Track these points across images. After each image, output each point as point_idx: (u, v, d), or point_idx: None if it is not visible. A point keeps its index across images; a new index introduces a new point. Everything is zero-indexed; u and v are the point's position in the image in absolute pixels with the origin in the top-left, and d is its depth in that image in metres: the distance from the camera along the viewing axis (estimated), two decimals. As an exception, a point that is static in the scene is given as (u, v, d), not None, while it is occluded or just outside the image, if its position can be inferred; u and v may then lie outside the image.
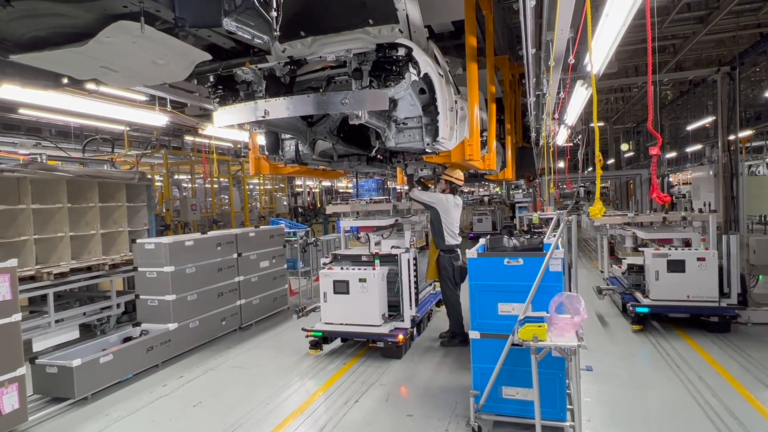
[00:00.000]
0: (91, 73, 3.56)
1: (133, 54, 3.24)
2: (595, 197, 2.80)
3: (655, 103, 15.36)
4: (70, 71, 3.54)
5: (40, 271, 5.73)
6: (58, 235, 6.51)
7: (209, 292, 6.29)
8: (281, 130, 5.10)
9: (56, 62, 3.30)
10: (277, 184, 18.69)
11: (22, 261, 5.94)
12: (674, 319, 6.27)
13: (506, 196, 26.12)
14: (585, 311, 3.17)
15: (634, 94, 17.91)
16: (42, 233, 6.32)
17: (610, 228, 7.57)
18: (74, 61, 3.24)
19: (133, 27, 2.80)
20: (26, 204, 6.10)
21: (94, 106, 8.02)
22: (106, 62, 3.34)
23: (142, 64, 3.48)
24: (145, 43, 3.08)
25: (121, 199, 7.48)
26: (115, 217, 7.46)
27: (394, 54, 3.75)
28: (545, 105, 7.10)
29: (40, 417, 4.30)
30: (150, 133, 14.16)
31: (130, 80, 3.91)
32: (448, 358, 5.37)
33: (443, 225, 5.81)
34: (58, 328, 5.85)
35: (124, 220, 7.55)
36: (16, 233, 6.07)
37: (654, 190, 2.46)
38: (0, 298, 3.87)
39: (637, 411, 4.02)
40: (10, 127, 13.50)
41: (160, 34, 3.02)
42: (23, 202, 6.11)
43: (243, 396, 4.62)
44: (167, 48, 3.26)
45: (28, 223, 6.13)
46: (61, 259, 6.47)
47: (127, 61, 3.38)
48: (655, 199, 2.48)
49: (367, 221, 6.32)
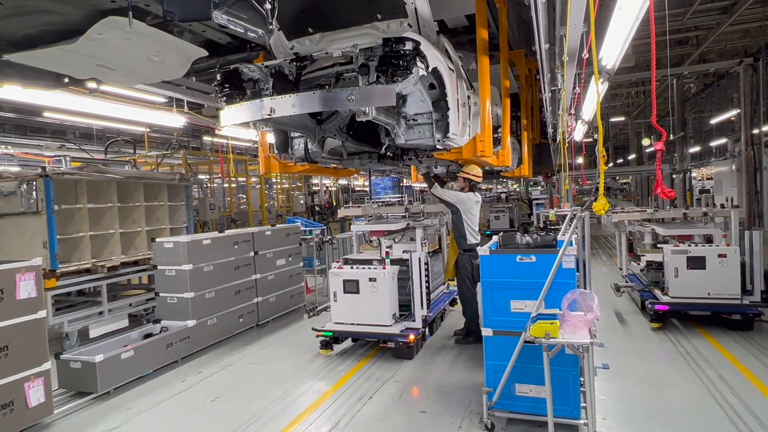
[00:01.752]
0: (88, 72, 3.54)
1: (128, 51, 3.21)
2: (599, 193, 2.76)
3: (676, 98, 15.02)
4: (67, 70, 3.54)
5: (95, 264, 6.39)
6: (109, 231, 7.02)
7: (227, 289, 6.40)
8: (290, 129, 5.06)
9: (52, 61, 3.27)
10: (294, 183, 18.85)
11: (79, 256, 6.52)
12: (694, 317, 6.15)
13: (524, 193, 25.87)
14: (598, 308, 3.14)
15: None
16: (95, 230, 6.82)
17: (628, 224, 7.44)
18: (70, 59, 3.22)
19: (122, 23, 2.76)
20: (83, 204, 6.63)
21: (115, 108, 8.24)
22: (102, 60, 3.32)
23: (138, 62, 3.45)
24: (137, 40, 3.05)
25: (163, 199, 7.93)
26: (157, 216, 7.91)
27: (401, 48, 3.67)
28: (561, 100, 7.02)
29: (65, 410, 4.45)
30: (169, 134, 14.41)
31: (128, 78, 3.89)
32: (462, 356, 5.37)
33: (465, 224, 5.73)
34: (111, 317, 6.46)
35: (166, 218, 7.99)
36: (74, 230, 6.58)
37: (659, 185, 2.42)
38: (26, 295, 4.00)
39: (655, 409, 3.96)
40: (36, 130, 13.91)
41: (151, 29, 2.98)
42: (80, 202, 6.63)
43: (259, 392, 4.70)
44: (161, 44, 3.22)
45: (85, 221, 6.64)
46: (112, 254, 6.96)
47: (122, 58, 3.35)
48: (659, 194, 2.44)
49: (379, 225, 6.22)
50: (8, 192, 6.13)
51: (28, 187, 6.03)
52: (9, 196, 6.12)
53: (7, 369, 3.83)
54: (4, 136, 12.84)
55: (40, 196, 5.99)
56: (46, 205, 5.97)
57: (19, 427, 3.92)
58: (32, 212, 6.03)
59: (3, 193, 6.16)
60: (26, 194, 6.04)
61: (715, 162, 14.74)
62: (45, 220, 5.97)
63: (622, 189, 25.84)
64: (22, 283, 3.98)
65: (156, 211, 7.84)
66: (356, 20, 4.02)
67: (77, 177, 6.53)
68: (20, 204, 6.08)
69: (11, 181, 6.13)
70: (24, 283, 3.99)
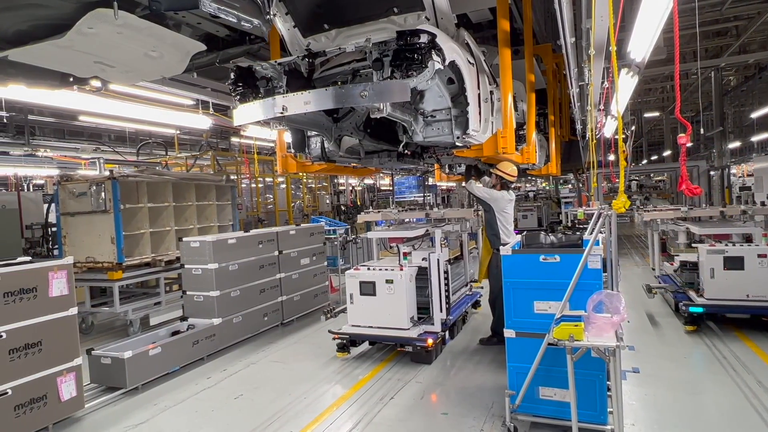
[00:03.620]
0: (89, 70, 3.50)
1: (123, 46, 3.17)
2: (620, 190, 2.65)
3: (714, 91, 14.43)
4: (67, 68, 3.50)
5: (155, 258, 7.04)
6: (166, 229, 7.70)
7: (251, 288, 6.48)
8: (306, 127, 4.98)
9: (50, 59, 3.24)
10: (320, 183, 19.00)
11: (140, 251, 7.27)
12: (732, 320, 5.88)
13: (553, 192, 25.35)
14: (625, 311, 3.02)
15: (692, 81, 16.90)
16: (154, 227, 7.52)
17: (661, 223, 7.17)
18: (67, 57, 3.20)
19: (110, 15, 2.72)
20: (143, 203, 7.33)
21: (146, 111, 8.47)
22: (98, 57, 3.28)
23: (136, 58, 3.40)
24: (131, 34, 3.00)
25: (211, 199, 8.61)
26: (206, 214, 8.58)
27: (416, 41, 3.54)
28: (589, 96, 6.82)
29: (96, 405, 4.58)
30: (199, 136, 14.75)
31: (129, 76, 3.81)
32: (485, 358, 5.26)
33: (499, 223, 5.51)
34: (167, 307, 7.12)
35: (214, 216, 8.68)
36: (136, 227, 7.30)
37: (683, 181, 2.30)
38: (58, 293, 4.14)
39: (688, 416, 3.79)
40: (73, 133, 14.48)
41: (145, 23, 2.93)
42: (141, 202, 7.33)
43: (282, 390, 4.73)
44: (157, 38, 3.16)
45: (145, 219, 7.36)
46: (168, 249, 7.57)
47: (119, 54, 3.31)
48: (684, 191, 2.32)
49: (397, 232, 5.94)
50: (80, 193, 6.93)
51: (97, 189, 6.79)
52: (80, 197, 6.93)
53: (41, 364, 3.98)
54: (44, 139, 13.40)
55: (108, 196, 6.71)
56: (113, 204, 6.69)
57: (52, 420, 4.06)
58: (101, 211, 6.78)
59: (75, 194, 6.96)
60: (95, 195, 6.80)
61: (756, 158, 14.08)
62: (113, 218, 6.70)
63: (657, 187, 25.00)
64: (55, 281, 4.12)
65: (205, 210, 8.51)
66: (372, 15, 3.96)
67: (139, 179, 7.26)
68: (90, 204, 6.84)
69: (82, 184, 6.93)
70: (56, 281, 4.13)
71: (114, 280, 6.57)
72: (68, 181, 7.18)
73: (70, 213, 7.04)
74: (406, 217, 6.87)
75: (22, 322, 3.86)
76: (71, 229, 7.07)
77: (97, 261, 6.78)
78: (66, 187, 7.08)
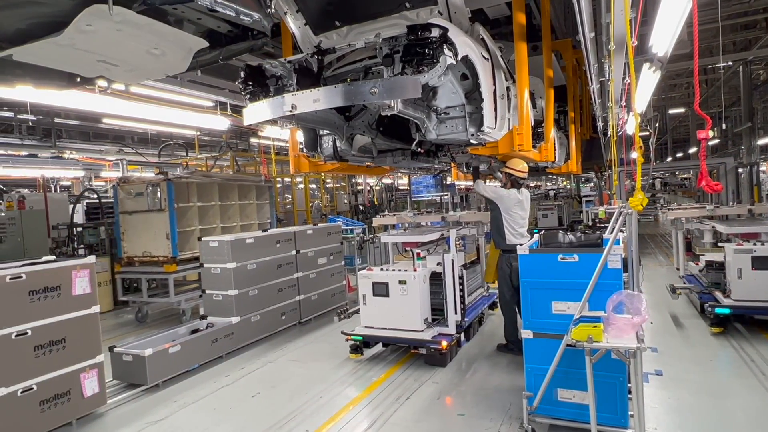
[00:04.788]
0: (93, 69, 3.50)
1: (125, 44, 3.16)
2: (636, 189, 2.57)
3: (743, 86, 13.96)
4: (72, 68, 3.52)
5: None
6: (212, 226, 8.32)
7: (269, 287, 6.54)
8: (317, 126, 4.92)
9: (53, 58, 3.25)
10: (338, 183, 19.07)
11: (190, 246, 7.78)
12: (760, 322, 5.68)
13: (575, 190, 24.95)
14: (647, 311, 2.94)
15: (718, 76, 16.40)
16: (202, 225, 8.15)
17: (686, 222, 6.98)
18: (70, 56, 3.20)
19: (107, 11, 2.72)
20: (193, 202, 7.99)
21: (166, 112, 8.63)
22: (101, 56, 3.28)
23: (138, 56, 3.39)
24: (131, 31, 2.99)
25: (252, 198, 9.25)
26: (247, 212, 9.20)
27: (427, 35, 3.43)
28: (610, 92, 6.67)
29: (117, 401, 4.68)
30: (218, 137, 14.95)
31: (133, 75, 3.81)
32: (502, 360, 5.19)
33: (504, 222, 5.36)
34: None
35: (255, 214, 9.32)
36: (186, 225, 7.92)
37: (702, 177, 2.22)
38: (81, 291, 4.24)
39: (713, 421, 3.68)
40: (97, 136, 14.83)
41: (144, 19, 2.91)
42: (191, 201, 7.98)
43: (299, 388, 4.75)
44: (158, 36, 3.15)
45: (195, 217, 8.02)
46: None
47: (121, 52, 3.30)
48: (704, 188, 2.24)
49: (411, 237, 5.80)
50: (136, 193, 7.64)
51: (153, 189, 7.44)
52: (136, 197, 7.64)
53: (65, 360, 4.08)
54: (70, 141, 13.76)
55: (163, 196, 7.36)
56: (168, 203, 7.32)
57: (76, 415, 4.16)
58: (156, 210, 7.44)
59: (132, 195, 7.68)
60: (151, 195, 7.46)
61: (787, 154, 13.59)
62: (167, 216, 7.34)
63: (682, 185, 24.35)
64: (78, 279, 4.22)
65: (246, 209, 9.13)
66: (384, 10, 3.89)
67: (189, 180, 7.93)
68: (146, 203, 7.51)
69: (139, 185, 7.67)
70: (79, 279, 4.23)
71: (169, 272, 7.15)
72: (126, 182, 7.87)
73: (128, 212, 7.76)
74: (422, 220, 6.74)
75: (47, 319, 3.97)
76: (128, 226, 7.78)
77: (153, 255, 7.46)
78: (124, 188, 7.79)
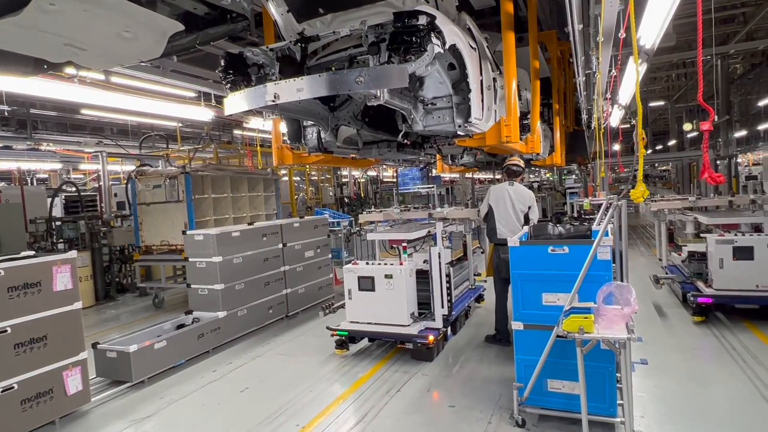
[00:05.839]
0: (60, 54, 3.31)
1: (93, 26, 2.99)
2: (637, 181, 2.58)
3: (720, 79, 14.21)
4: (37, 52, 3.32)
5: None
6: (225, 216, 8.78)
7: (256, 281, 6.46)
8: (301, 117, 4.80)
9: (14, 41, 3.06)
10: (323, 175, 18.93)
11: None
12: (741, 311, 5.82)
13: (558, 182, 25.23)
14: (636, 302, 2.97)
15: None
16: (216, 215, 8.64)
17: (669, 213, 7.10)
18: (33, 38, 3.03)
19: None
20: (208, 194, 8.45)
21: (148, 103, 8.43)
22: (68, 38, 3.09)
23: (108, 39, 3.20)
24: (99, 12, 2.83)
25: (260, 190, 9.75)
26: (255, 204, 9.68)
27: (414, 23, 3.35)
28: (596, 84, 6.72)
29: (102, 398, 4.58)
30: (201, 128, 14.68)
31: (103, 60, 3.60)
32: (489, 351, 5.22)
33: (495, 216, 5.45)
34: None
35: (262, 206, 9.83)
36: (202, 215, 8.33)
37: (705, 169, 2.24)
38: (62, 287, 4.12)
39: (697, 407, 3.75)
40: (77, 127, 14.44)
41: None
42: (206, 193, 8.44)
43: (288, 383, 4.72)
44: (128, 17, 2.99)
45: (210, 208, 8.50)
46: None
47: (89, 35, 3.12)
48: (706, 179, 2.25)
49: (397, 234, 5.63)
50: (155, 186, 8.09)
51: (171, 182, 7.88)
52: (154, 189, 8.10)
53: (46, 358, 3.97)
54: (47, 133, 13.37)
55: (180, 188, 7.81)
56: (186, 195, 7.77)
57: (59, 414, 4.06)
58: (174, 201, 7.88)
59: (149, 187, 8.13)
60: (169, 187, 7.89)
61: (764, 147, 13.92)
62: (185, 206, 7.78)
63: (662, 176, 24.81)
64: (59, 275, 4.10)
65: (254, 200, 9.65)
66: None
67: (205, 173, 8.43)
68: (164, 195, 7.97)
69: (157, 178, 8.14)
70: (60, 275, 4.11)
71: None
72: (143, 175, 8.33)
73: (146, 203, 8.20)
74: (409, 216, 6.64)
75: (27, 316, 3.85)
76: (146, 216, 8.25)
77: (171, 244, 7.89)
78: (142, 181, 8.26)
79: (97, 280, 8.79)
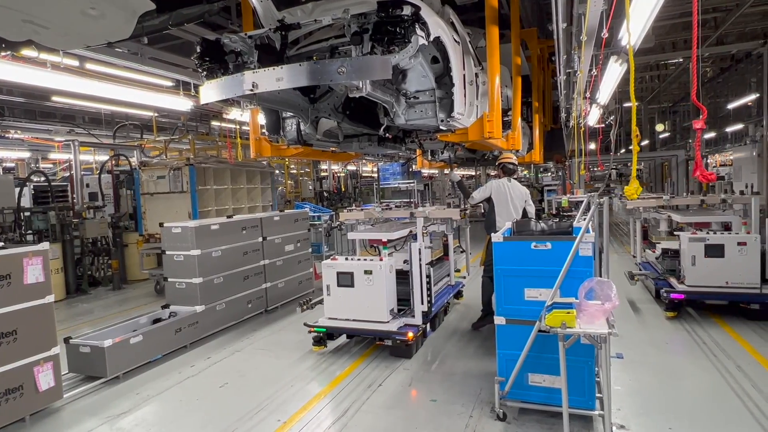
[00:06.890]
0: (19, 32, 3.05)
1: (54, 2, 2.78)
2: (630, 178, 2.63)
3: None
4: None
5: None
6: (225, 207, 9.18)
7: (235, 275, 6.37)
8: (280, 108, 4.70)
9: None
10: (302, 169, 18.76)
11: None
12: (711, 307, 6.02)
13: (534, 180, 25.59)
14: (616, 297, 3.04)
15: (670, 72, 17.11)
16: (217, 206, 9.06)
17: (643, 211, 7.27)
18: None
19: None
20: (210, 186, 8.87)
21: (123, 91, 8.15)
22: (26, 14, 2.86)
23: (72, 16, 2.98)
24: None
25: (257, 183, 10.21)
26: (252, 195, 10.16)
27: (398, 13, 3.29)
28: (576, 83, 6.82)
29: (75, 394, 4.45)
30: (177, 119, 14.33)
31: (67, 40, 3.33)
32: (470, 346, 5.28)
33: (495, 210, 5.55)
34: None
35: (259, 198, 10.33)
36: (204, 206, 8.71)
37: (698, 167, 2.28)
38: (33, 280, 3.97)
39: (670, 400, 3.87)
40: (46, 115, 13.90)
41: None
42: (208, 184, 8.86)
43: (268, 378, 4.67)
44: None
45: (212, 199, 8.92)
46: None
47: (50, 12, 2.89)
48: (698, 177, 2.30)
49: (378, 233, 5.53)
50: (159, 177, 8.44)
51: (175, 173, 8.22)
52: (158, 180, 8.44)
53: (16, 353, 3.83)
54: (14, 120, 12.85)
55: (185, 179, 8.14)
56: (190, 186, 8.09)
57: (29, 411, 3.93)
58: (178, 192, 8.21)
59: (153, 178, 8.45)
60: (173, 179, 8.19)
61: (734, 148, 14.40)
62: (189, 197, 8.11)
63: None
64: (30, 267, 3.96)
65: (251, 192, 10.03)
66: None
67: (207, 165, 8.86)
68: (168, 186, 8.24)
69: (162, 169, 8.45)
70: (31, 267, 3.97)
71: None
72: (147, 166, 8.60)
73: (150, 193, 8.52)
74: (391, 215, 6.58)
75: (-4, 310, 3.70)
76: (149, 206, 8.57)
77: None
78: (146, 171, 8.52)
79: (68, 273, 8.53)
